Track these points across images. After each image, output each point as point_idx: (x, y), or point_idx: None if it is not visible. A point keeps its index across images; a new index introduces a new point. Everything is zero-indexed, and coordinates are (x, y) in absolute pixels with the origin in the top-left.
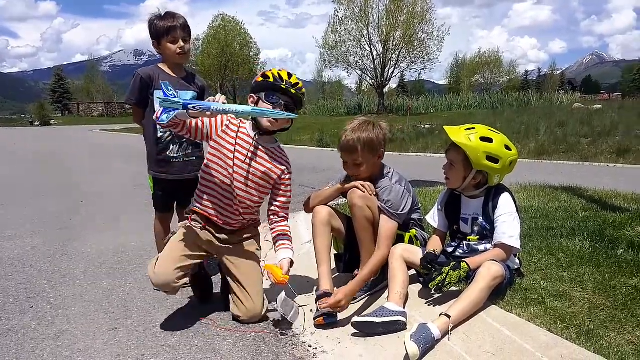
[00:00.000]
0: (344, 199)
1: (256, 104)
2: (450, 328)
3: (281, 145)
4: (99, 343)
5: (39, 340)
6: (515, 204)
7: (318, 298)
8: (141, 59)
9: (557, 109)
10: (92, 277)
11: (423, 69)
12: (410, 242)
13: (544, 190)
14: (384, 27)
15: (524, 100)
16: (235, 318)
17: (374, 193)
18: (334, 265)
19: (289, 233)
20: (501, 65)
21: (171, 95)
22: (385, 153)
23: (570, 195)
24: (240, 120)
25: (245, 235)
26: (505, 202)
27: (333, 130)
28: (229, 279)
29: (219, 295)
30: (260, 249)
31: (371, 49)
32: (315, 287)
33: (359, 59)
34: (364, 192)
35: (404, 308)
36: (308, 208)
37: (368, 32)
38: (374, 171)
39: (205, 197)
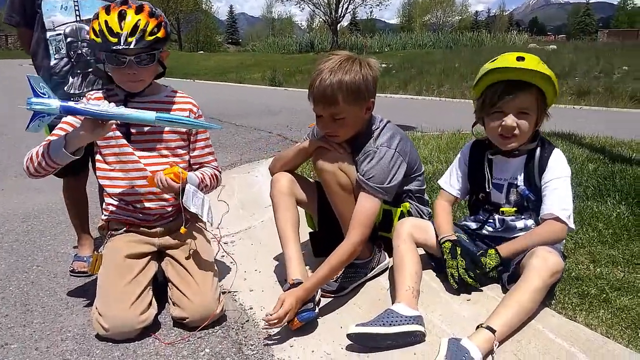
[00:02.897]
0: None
1: (103, 62)
2: (495, 346)
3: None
4: None
5: None
6: None
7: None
8: None
9: (513, 49)
10: None
11: (379, 5)
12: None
13: None
14: None
15: (477, 40)
16: (179, 322)
17: (347, 152)
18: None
19: (208, 175)
20: (453, 5)
21: (44, 94)
22: None
23: (565, 142)
24: (106, 89)
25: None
26: (557, 163)
27: (285, 68)
28: (168, 274)
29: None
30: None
31: None
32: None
33: None
34: (332, 150)
35: (417, 309)
36: (271, 173)
37: None
38: (360, 129)
39: (115, 199)
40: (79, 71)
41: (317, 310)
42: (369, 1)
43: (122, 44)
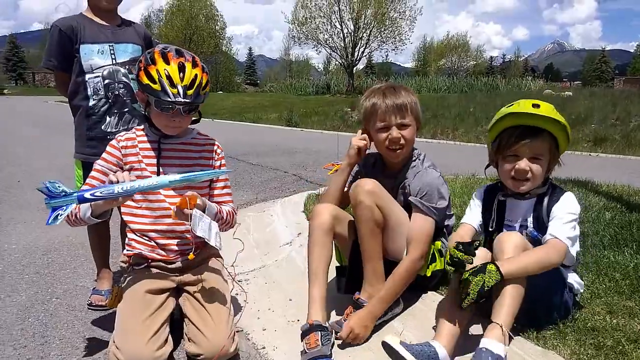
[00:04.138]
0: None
1: (147, 104)
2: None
3: (244, 121)
4: None
5: None
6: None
7: (304, 334)
8: None
9: (528, 94)
10: (8, 287)
11: (394, 50)
12: (433, 258)
13: None
14: (355, 4)
15: (492, 85)
16: (193, 359)
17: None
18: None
19: (226, 211)
20: (469, 50)
21: (59, 192)
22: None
23: (583, 190)
24: (135, 130)
25: (205, 256)
26: (566, 200)
27: (301, 109)
28: (185, 309)
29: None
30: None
31: (342, 27)
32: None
33: (329, 37)
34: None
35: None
36: None
37: (339, 8)
38: (408, 152)
39: (137, 235)
40: (115, 111)
41: (333, 357)
42: (384, 45)
43: (182, 96)
